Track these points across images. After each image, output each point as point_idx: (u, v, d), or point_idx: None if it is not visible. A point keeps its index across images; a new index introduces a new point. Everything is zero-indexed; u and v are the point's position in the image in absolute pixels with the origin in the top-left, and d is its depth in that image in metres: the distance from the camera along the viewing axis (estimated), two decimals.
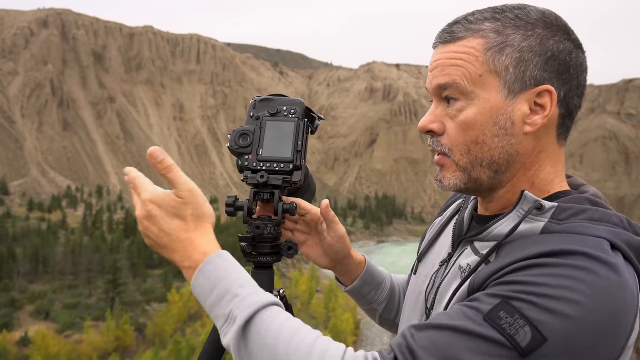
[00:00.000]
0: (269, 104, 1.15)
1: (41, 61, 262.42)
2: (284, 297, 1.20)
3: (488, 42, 0.99)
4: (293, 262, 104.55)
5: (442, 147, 1.03)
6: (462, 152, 1.01)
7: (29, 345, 52.01)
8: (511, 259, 0.90)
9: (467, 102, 0.99)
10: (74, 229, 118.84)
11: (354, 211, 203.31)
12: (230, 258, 0.98)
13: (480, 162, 1.01)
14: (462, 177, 1.03)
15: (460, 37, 1.01)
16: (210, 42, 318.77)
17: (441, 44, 1.03)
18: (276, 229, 1.13)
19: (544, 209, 0.95)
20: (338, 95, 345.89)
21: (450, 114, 1.02)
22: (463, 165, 1.02)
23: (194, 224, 0.99)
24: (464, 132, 1.00)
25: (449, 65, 1.00)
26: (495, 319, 0.83)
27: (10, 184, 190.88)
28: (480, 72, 0.98)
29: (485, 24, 1.00)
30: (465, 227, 1.15)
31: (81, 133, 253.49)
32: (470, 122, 0.99)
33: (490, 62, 0.98)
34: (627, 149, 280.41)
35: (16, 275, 77.28)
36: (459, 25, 1.02)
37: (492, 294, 0.86)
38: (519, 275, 0.86)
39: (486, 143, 0.99)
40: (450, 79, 1.00)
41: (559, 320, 0.81)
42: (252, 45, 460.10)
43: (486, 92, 0.98)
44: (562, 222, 0.94)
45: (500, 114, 0.98)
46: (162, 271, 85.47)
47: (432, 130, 1.04)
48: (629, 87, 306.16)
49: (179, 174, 1.01)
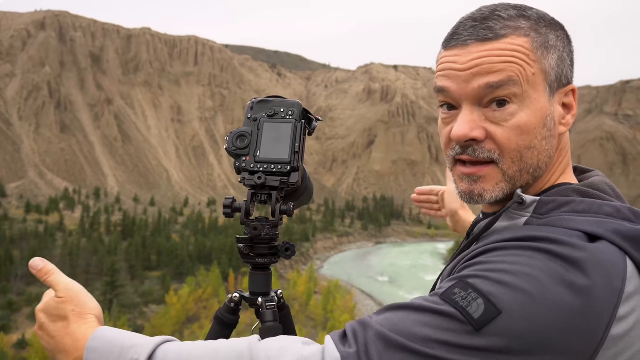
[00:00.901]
0: (267, 105, 1.15)
1: (38, 63, 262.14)
2: (281, 298, 1.21)
3: (534, 41, 0.94)
4: (291, 263, 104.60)
5: (489, 154, 0.94)
6: (514, 159, 0.94)
7: (26, 348, 51.85)
8: (477, 248, 0.91)
9: (519, 104, 0.93)
10: (71, 231, 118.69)
11: (352, 212, 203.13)
12: (110, 329, 0.94)
13: (528, 168, 0.95)
14: (505, 188, 0.96)
15: (504, 34, 0.93)
16: (208, 44, 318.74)
17: (478, 42, 0.94)
18: (273, 230, 1.13)
19: (525, 204, 0.93)
20: (336, 96, 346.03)
21: (497, 118, 0.94)
22: (511, 174, 0.95)
23: (75, 319, 0.97)
24: (518, 136, 0.93)
25: (498, 62, 0.92)
26: (449, 295, 0.82)
27: (7, 186, 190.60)
28: (534, 70, 0.93)
29: (521, 21, 0.95)
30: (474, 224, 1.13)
31: (79, 135, 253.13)
32: (524, 125, 0.93)
33: (541, 61, 0.94)
34: (625, 150, 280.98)
35: (13, 277, 77.12)
36: (494, 21, 0.95)
37: (451, 278, 0.87)
38: (479, 258, 0.87)
39: (536, 147, 0.94)
40: (506, 76, 0.92)
41: (512, 292, 0.79)
42: (250, 46, 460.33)
43: (536, 92, 0.94)
44: (542, 216, 0.92)
45: (547, 114, 0.95)
46: (160, 273, 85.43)
47: (475, 138, 0.95)
48: (627, 88, 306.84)
49: (57, 275, 1.00)
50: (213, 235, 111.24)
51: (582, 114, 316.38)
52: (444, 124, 1.01)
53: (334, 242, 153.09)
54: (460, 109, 0.96)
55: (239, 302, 1.21)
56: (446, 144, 1.01)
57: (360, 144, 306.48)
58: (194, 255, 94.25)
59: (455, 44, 0.96)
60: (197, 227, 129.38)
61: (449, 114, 0.99)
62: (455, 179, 1.01)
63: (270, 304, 1.16)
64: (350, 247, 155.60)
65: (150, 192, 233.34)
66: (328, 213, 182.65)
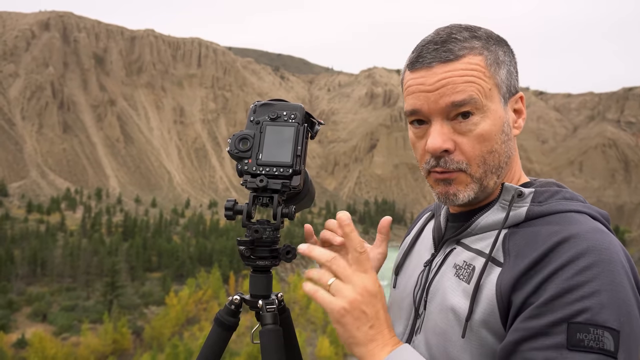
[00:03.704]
0: (269, 108, 1.16)
1: (42, 63, 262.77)
2: (282, 301, 1.21)
3: (487, 58, 1.07)
4: (292, 266, 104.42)
5: (457, 164, 1.07)
6: (479, 164, 1.07)
7: (26, 348, 51.77)
8: (526, 259, 0.98)
9: (481, 116, 1.05)
10: (72, 231, 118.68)
11: (353, 216, 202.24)
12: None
13: (492, 169, 1.08)
14: (475, 188, 1.08)
15: (462, 55, 1.06)
16: (212, 46, 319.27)
17: (441, 63, 1.06)
18: (275, 233, 1.15)
19: (524, 195, 1.06)
20: (338, 100, 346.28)
21: (462, 129, 1.06)
22: (478, 176, 1.08)
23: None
24: (480, 144, 1.06)
25: (460, 82, 1.05)
26: (578, 343, 0.88)
27: (9, 186, 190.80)
28: (490, 86, 1.07)
29: (474, 42, 1.08)
30: (443, 229, 1.21)
31: (81, 135, 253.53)
32: (486, 133, 1.06)
33: (494, 77, 1.08)
34: (627, 156, 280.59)
35: (14, 277, 77.13)
36: (452, 44, 1.07)
37: (550, 322, 0.91)
38: (553, 285, 0.93)
39: (497, 151, 1.08)
40: (467, 95, 1.04)
41: (614, 308, 0.89)
42: (253, 49, 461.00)
43: (493, 104, 1.07)
44: (542, 203, 1.05)
45: (504, 121, 1.09)
46: (161, 274, 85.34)
47: (447, 150, 1.07)
48: (629, 95, 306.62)
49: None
50: (214, 237, 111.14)
51: (584, 120, 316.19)
52: (417, 138, 1.12)
53: None
54: (431, 123, 1.08)
55: (239, 305, 1.21)
56: (421, 157, 1.12)
57: (362, 148, 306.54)
58: (195, 257, 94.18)
59: (420, 66, 1.08)
60: (198, 229, 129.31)
61: (420, 128, 1.10)
62: (432, 184, 1.12)
63: (271, 307, 1.16)
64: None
65: (152, 194, 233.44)
66: (329, 216, 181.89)
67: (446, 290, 1.09)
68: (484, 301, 1.00)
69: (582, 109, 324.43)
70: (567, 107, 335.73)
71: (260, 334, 1.14)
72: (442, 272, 1.13)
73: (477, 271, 1.04)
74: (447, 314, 1.06)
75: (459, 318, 1.03)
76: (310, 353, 52.35)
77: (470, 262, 1.07)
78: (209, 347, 1.17)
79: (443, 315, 1.07)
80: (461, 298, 1.05)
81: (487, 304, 0.99)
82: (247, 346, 46.48)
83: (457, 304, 1.05)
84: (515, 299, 0.96)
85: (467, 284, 1.05)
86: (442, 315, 1.07)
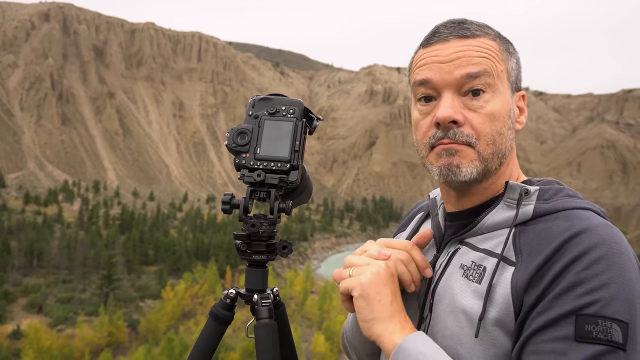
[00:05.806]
0: (268, 103, 1.16)
1: (41, 54, 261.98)
2: (277, 295, 1.23)
3: (500, 45, 1.10)
4: (288, 262, 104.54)
5: (467, 137, 1.05)
6: (488, 142, 1.06)
7: (21, 339, 51.75)
8: (540, 256, 0.98)
9: (491, 94, 1.06)
10: (69, 223, 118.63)
11: (351, 213, 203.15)
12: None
13: (498, 152, 1.07)
14: (479, 167, 1.06)
15: (478, 35, 1.09)
16: (212, 41, 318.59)
17: (458, 38, 1.08)
18: (271, 228, 1.14)
19: (530, 193, 1.05)
20: (338, 96, 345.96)
21: (473, 105, 1.06)
22: (485, 156, 1.06)
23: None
24: (491, 122, 1.06)
25: (476, 56, 1.06)
26: (586, 335, 0.90)
27: (7, 177, 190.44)
28: (502, 68, 1.08)
29: (488, 29, 1.11)
30: (442, 228, 1.19)
31: (80, 128, 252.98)
32: (496, 112, 1.06)
33: (507, 62, 1.10)
34: (625, 158, 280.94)
35: (10, 268, 77.04)
36: (470, 24, 1.10)
37: (559, 314, 0.92)
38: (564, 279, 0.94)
39: (504, 134, 1.08)
40: (482, 68, 1.05)
41: (623, 300, 0.91)
42: (254, 44, 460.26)
43: (503, 86, 1.08)
44: (548, 201, 1.05)
45: (511, 108, 1.10)
46: (157, 268, 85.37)
47: (456, 121, 1.05)
48: (628, 97, 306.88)
49: None
50: (211, 232, 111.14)
51: (583, 122, 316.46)
52: (422, 116, 1.11)
53: (331, 242, 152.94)
54: (440, 98, 1.07)
55: (234, 299, 1.22)
56: (425, 132, 1.10)
57: (361, 145, 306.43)
58: (192, 251, 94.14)
59: (436, 40, 1.09)
60: (196, 223, 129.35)
61: (428, 105, 1.09)
62: (433, 160, 1.09)
63: (266, 301, 1.17)
64: (348, 247, 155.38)
65: (150, 187, 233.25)
66: (327, 213, 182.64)
67: (455, 291, 1.07)
68: (499, 301, 0.99)
69: (582, 110, 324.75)
70: (567, 107, 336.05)
71: (255, 328, 1.15)
72: (449, 273, 1.10)
73: (488, 271, 1.03)
74: (457, 316, 1.04)
75: (471, 319, 1.02)
76: (305, 349, 52.39)
77: (480, 262, 1.06)
78: (204, 340, 1.18)
79: (453, 317, 1.05)
80: (472, 299, 1.03)
81: (503, 303, 0.99)
82: (243, 341, 46.52)
83: (469, 304, 1.03)
84: (529, 296, 0.96)
85: (479, 284, 1.03)
86: (452, 317, 1.05)
